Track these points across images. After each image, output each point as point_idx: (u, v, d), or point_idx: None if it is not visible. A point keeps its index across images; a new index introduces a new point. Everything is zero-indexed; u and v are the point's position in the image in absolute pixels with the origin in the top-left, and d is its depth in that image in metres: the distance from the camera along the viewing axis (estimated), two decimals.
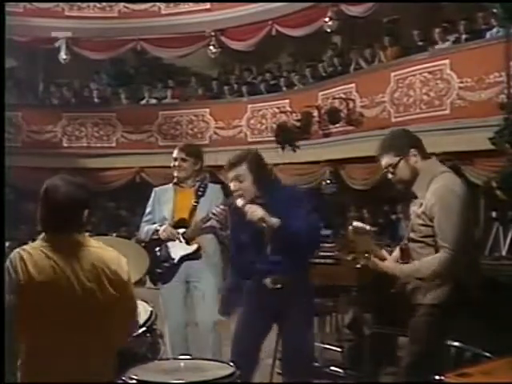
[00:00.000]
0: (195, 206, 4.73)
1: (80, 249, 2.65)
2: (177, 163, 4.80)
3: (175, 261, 4.73)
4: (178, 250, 4.72)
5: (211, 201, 4.70)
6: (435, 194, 3.33)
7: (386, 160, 3.52)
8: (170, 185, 4.93)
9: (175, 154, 4.83)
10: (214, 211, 4.54)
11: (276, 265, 3.65)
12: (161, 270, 4.74)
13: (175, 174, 4.84)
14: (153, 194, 4.97)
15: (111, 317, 2.65)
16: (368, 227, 3.49)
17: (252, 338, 3.77)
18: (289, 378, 3.78)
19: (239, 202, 3.65)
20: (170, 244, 4.75)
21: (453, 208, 3.29)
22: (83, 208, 2.70)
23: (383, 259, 3.50)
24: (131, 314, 2.79)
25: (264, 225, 3.56)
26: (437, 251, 3.33)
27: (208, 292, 4.72)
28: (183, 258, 4.72)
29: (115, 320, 2.67)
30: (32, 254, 2.59)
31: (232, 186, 3.72)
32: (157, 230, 4.75)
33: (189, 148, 4.96)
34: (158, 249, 4.75)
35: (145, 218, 4.95)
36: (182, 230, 4.70)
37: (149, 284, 5.22)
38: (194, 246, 4.71)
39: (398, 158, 3.47)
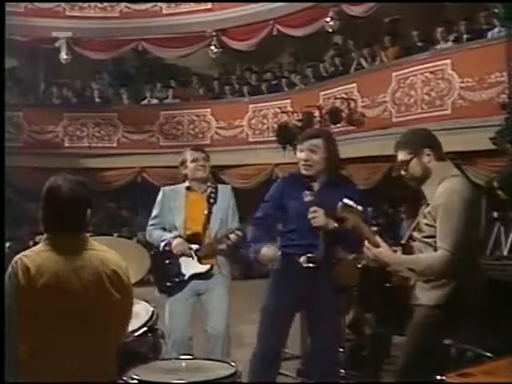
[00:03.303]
0: (208, 216, 4.60)
1: (82, 251, 2.64)
2: (201, 163, 4.66)
3: (185, 277, 4.59)
4: (189, 266, 4.58)
5: (223, 208, 4.63)
6: (442, 196, 3.33)
7: (400, 156, 3.54)
8: (180, 187, 4.76)
9: (196, 154, 4.69)
10: (229, 236, 4.48)
11: (313, 247, 3.74)
12: (170, 283, 4.61)
13: (201, 175, 4.66)
14: (161, 195, 4.78)
15: (112, 318, 2.65)
16: (360, 207, 3.47)
17: (280, 320, 3.82)
18: (316, 368, 3.89)
19: (306, 198, 3.73)
20: (181, 258, 4.61)
21: (456, 211, 3.28)
22: (86, 207, 2.69)
23: (377, 246, 3.47)
24: (129, 315, 2.79)
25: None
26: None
27: (219, 303, 4.60)
28: (194, 276, 4.59)
29: (115, 321, 2.67)
30: (34, 258, 2.58)
31: (303, 155, 3.79)
32: (170, 242, 4.58)
33: (203, 150, 4.88)
34: (168, 261, 4.61)
35: (151, 221, 4.77)
36: (195, 247, 4.57)
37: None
38: (206, 266, 4.57)
39: (411, 156, 3.48)
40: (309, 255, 3.73)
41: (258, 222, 3.96)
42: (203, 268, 4.58)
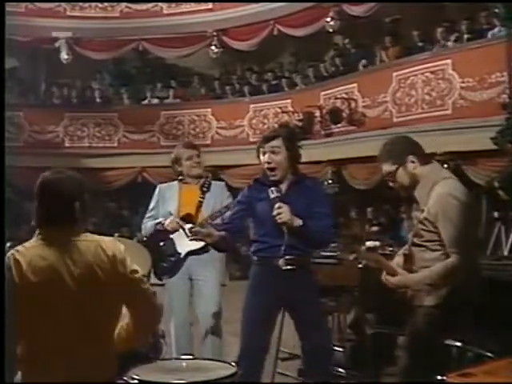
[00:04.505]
0: (201, 201, 4.71)
1: (73, 244, 2.61)
2: (196, 160, 4.80)
3: (181, 255, 4.69)
4: (184, 245, 4.65)
5: (216, 197, 4.72)
6: (438, 203, 3.33)
7: (384, 168, 3.54)
8: (175, 182, 4.91)
9: (191, 152, 4.81)
10: (222, 211, 4.50)
11: (290, 248, 3.69)
12: (166, 264, 4.71)
13: (197, 172, 4.79)
14: (157, 190, 4.94)
15: (114, 311, 2.64)
16: (378, 243, 3.54)
17: (262, 321, 3.78)
18: (311, 370, 3.86)
19: (272, 194, 3.69)
20: (175, 238, 4.71)
21: (456, 216, 3.29)
22: (72, 199, 2.65)
23: (394, 274, 3.49)
24: (146, 301, 2.71)
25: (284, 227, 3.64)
26: (441, 255, 3.35)
27: (211, 290, 4.68)
28: (190, 253, 4.68)
29: (121, 314, 2.66)
30: (25, 254, 2.57)
31: (266, 158, 3.75)
32: (161, 223, 4.70)
33: (198, 146, 5.03)
34: (162, 243, 4.72)
35: (148, 215, 4.89)
36: (189, 225, 4.60)
37: (153, 280, 5.20)
38: (201, 243, 4.52)
39: (395, 166, 3.47)
40: (287, 257, 3.70)
41: (226, 227, 3.90)
42: (198, 244, 4.56)
